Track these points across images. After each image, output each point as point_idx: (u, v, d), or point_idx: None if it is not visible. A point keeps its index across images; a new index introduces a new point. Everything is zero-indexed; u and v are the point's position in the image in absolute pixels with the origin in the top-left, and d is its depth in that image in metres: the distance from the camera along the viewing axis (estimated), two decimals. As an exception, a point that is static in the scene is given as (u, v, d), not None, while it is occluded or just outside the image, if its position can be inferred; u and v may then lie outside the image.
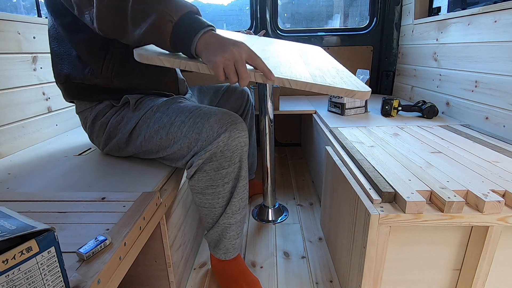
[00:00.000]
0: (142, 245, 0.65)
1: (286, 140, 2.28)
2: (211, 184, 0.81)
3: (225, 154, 0.77)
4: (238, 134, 0.77)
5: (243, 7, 2.32)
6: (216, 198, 0.83)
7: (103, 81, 0.86)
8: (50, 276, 0.39)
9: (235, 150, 0.78)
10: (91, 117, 0.93)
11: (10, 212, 0.41)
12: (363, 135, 1.13)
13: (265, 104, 1.13)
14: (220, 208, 0.85)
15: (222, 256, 0.92)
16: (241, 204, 0.86)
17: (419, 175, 0.78)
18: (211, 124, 0.77)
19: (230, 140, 0.76)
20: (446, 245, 0.74)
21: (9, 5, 1.63)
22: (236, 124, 0.78)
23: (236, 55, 0.64)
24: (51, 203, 0.70)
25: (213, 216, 0.86)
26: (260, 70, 0.67)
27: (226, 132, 0.76)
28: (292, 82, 0.68)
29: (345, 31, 2.00)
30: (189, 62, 0.67)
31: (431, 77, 1.56)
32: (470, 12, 1.25)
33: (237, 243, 0.92)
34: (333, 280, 0.97)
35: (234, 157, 0.79)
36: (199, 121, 0.78)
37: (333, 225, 1.04)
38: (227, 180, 0.81)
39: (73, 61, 0.87)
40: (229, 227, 0.87)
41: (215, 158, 0.77)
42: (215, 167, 0.78)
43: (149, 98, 0.91)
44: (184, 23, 0.65)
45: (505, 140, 1.05)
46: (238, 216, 0.87)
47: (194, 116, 0.80)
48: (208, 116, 0.78)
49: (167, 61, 0.68)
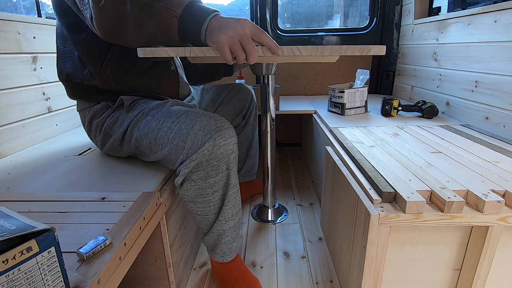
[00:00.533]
0: (142, 245, 0.65)
1: (286, 140, 2.28)
2: (200, 193, 0.79)
3: (211, 163, 0.75)
4: (223, 142, 0.74)
5: (243, 7, 2.32)
6: (208, 206, 0.81)
7: (101, 83, 0.87)
8: (50, 276, 0.39)
9: (221, 158, 0.75)
10: (88, 116, 0.94)
11: (10, 212, 0.41)
12: (363, 135, 1.13)
13: (267, 102, 1.13)
14: (212, 215, 0.83)
15: (220, 259, 0.92)
16: (233, 211, 0.84)
17: (419, 175, 0.78)
18: (196, 132, 0.74)
19: (215, 148, 0.73)
20: (446, 245, 0.74)
21: (9, 5, 1.62)
22: (222, 131, 0.74)
23: (240, 31, 0.62)
24: (51, 203, 0.70)
25: (207, 223, 0.85)
26: (267, 45, 0.65)
27: (211, 140, 0.73)
28: (302, 49, 0.66)
29: (345, 31, 2.00)
30: (194, 48, 0.66)
31: (431, 77, 1.56)
32: (470, 12, 1.25)
33: (233, 246, 0.91)
34: (333, 280, 0.97)
35: (221, 166, 0.76)
36: (184, 128, 0.76)
37: (333, 225, 1.04)
38: (216, 188, 0.78)
39: (75, 61, 0.88)
40: (224, 233, 0.86)
41: (202, 167, 0.75)
42: (202, 176, 0.76)
43: (143, 101, 0.91)
44: (189, 15, 0.64)
45: (505, 140, 1.05)
46: (231, 222, 0.85)
47: (180, 122, 0.78)
48: (193, 122, 0.76)
49: (171, 51, 0.67)
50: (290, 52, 0.67)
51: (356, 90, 1.46)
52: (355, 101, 1.47)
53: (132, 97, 0.91)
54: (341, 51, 0.67)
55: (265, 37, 0.65)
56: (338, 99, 1.47)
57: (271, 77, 1.07)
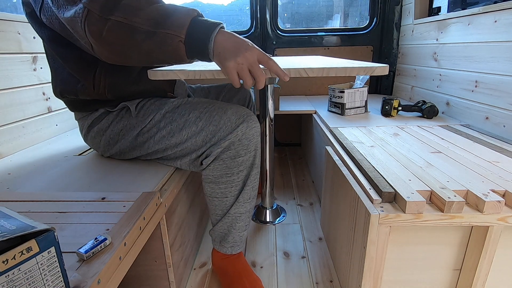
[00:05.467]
0: (142, 245, 0.65)
1: (286, 140, 2.28)
2: (226, 173, 0.83)
3: (243, 143, 0.81)
4: (254, 124, 0.82)
5: (243, 7, 2.32)
6: (230, 187, 0.85)
7: (97, 96, 0.86)
8: (50, 276, 0.39)
9: (252, 138, 0.82)
10: (87, 124, 0.93)
11: (10, 212, 0.41)
12: (363, 135, 1.13)
13: (266, 104, 1.13)
14: (232, 197, 0.87)
15: (228, 250, 0.93)
16: (251, 194, 0.88)
17: (419, 175, 0.78)
18: (229, 116, 0.81)
19: (248, 129, 0.80)
20: (446, 245, 0.74)
21: (9, 5, 1.63)
22: (252, 116, 0.83)
23: (249, 58, 0.64)
24: (51, 203, 0.70)
25: (223, 207, 0.88)
26: (274, 72, 0.67)
27: (244, 122, 0.80)
28: (308, 71, 0.69)
29: (345, 31, 2.00)
30: (204, 71, 0.68)
31: (431, 77, 1.56)
32: (470, 12, 1.25)
33: (244, 236, 0.94)
34: (333, 280, 0.97)
35: (251, 146, 0.82)
36: (215, 114, 0.82)
37: (333, 225, 1.04)
38: (242, 168, 0.84)
39: (66, 77, 0.87)
40: (239, 217, 0.89)
41: (233, 146, 0.80)
42: (232, 155, 0.81)
43: (150, 102, 0.90)
44: (194, 37, 0.64)
45: (505, 140, 1.05)
46: (248, 205, 0.89)
47: (209, 110, 0.83)
48: (224, 109, 0.83)
49: (182, 74, 0.70)
50: (297, 74, 0.69)
51: (356, 90, 1.46)
52: (355, 101, 1.47)
53: (133, 100, 0.90)
54: (345, 72, 0.69)
55: (272, 63, 0.66)
56: (338, 99, 1.47)
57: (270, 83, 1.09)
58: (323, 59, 1.14)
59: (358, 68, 0.70)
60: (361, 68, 0.70)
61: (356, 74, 0.71)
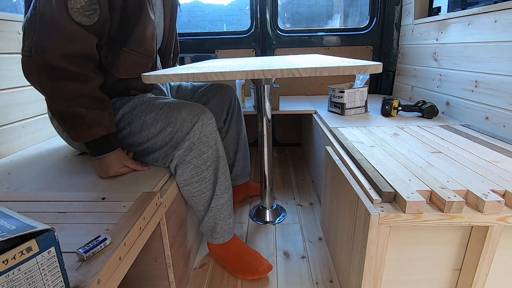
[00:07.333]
0: (142, 245, 0.65)
1: (286, 140, 2.28)
2: (196, 172, 0.87)
3: (202, 140, 0.85)
4: (209, 121, 0.86)
5: (243, 7, 2.32)
6: (203, 184, 0.89)
7: None
8: (50, 276, 0.39)
9: (210, 134, 0.86)
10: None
11: (10, 212, 0.41)
12: (363, 135, 1.13)
13: (263, 104, 1.13)
14: (209, 191, 0.91)
15: (220, 240, 0.97)
16: (226, 184, 0.93)
17: (419, 175, 0.78)
18: (184, 117, 0.84)
19: (204, 127, 0.85)
20: (446, 245, 0.74)
21: (9, 5, 1.63)
22: (206, 112, 0.86)
23: (118, 171, 0.85)
24: (51, 203, 0.70)
25: (204, 202, 0.92)
26: (134, 168, 0.87)
27: (199, 120, 0.84)
28: (301, 71, 0.69)
29: (345, 31, 2.00)
30: (196, 74, 0.71)
31: (431, 77, 1.56)
32: (470, 12, 1.25)
33: (231, 223, 0.98)
34: (333, 280, 0.97)
35: (210, 141, 0.87)
36: (171, 116, 0.85)
37: (333, 225, 1.04)
38: (209, 163, 0.88)
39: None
40: (221, 208, 0.93)
41: (194, 146, 0.85)
42: (196, 154, 0.86)
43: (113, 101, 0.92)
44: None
45: (505, 140, 1.05)
46: (226, 195, 0.94)
47: (165, 112, 0.86)
48: (179, 109, 0.85)
49: (175, 77, 0.72)
50: (290, 74, 0.70)
51: (356, 90, 1.46)
52: (355, 101, 1.47)
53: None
54: (339, 71, 0.69)
55: (130, 163, 0.87)
56: (338, 99, 1.47)
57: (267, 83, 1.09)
58: (316, 57, 1.14)
59: (352, 67, 0.69)
60: (354, 66, 0.69)
61: (349, 73, 0.70)
